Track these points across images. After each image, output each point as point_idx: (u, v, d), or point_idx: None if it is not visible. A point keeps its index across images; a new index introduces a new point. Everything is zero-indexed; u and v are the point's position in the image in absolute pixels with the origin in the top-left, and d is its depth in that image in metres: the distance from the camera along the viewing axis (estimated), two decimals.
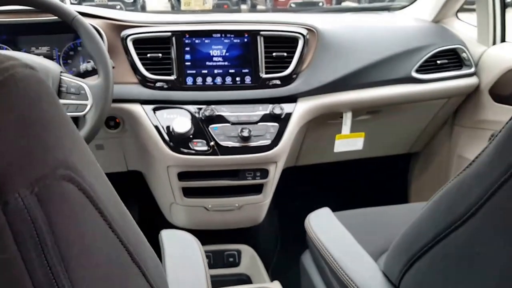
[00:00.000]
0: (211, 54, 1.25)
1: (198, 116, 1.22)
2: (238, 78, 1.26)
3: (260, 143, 1.22)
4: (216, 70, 1.25)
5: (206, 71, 1.25)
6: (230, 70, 1.26)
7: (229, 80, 1.26)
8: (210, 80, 1.25)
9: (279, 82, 1.27)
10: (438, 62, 1.44)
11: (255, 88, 1.26)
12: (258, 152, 1.22)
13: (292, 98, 1.27)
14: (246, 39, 1.26)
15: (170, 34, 1.23)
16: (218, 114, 1.23)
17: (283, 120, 1.25)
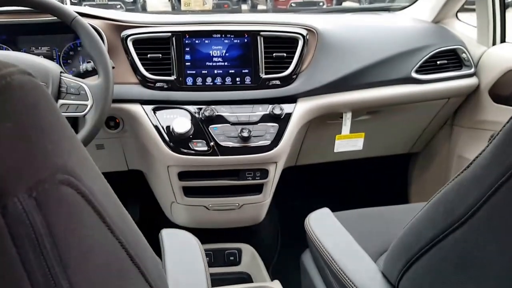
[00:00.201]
0: (211, 55, 1.25)
1: (198, 116, 1.22)
2: (238, 79, 1.26)
3: (260, 144, 1.22)
4: (216, 71, 1.25)
5: (206, 72, 1.25)
6: (230, 71, 1.26)
7: (229, 80, 1.26)
8: (210, 80, 1.25)
9: (279, 83, 1.27)
10: (438, 62, 1.44)
11: (255, 88, 1.26)
12: (258, 152, 1.22)
13: (292, 99, 1.28)
14: (246, 40, 1.26)
15: (170, 34, 1.23)
16: (218, 114, 1.23)
17: (283, 120, 1.25)
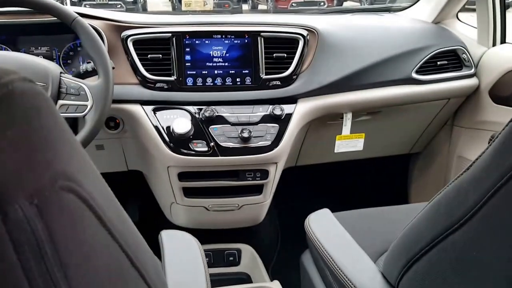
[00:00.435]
0: (212, 55, 1.25)
1: (198, 116, 1.22)
2: (238, 79, 1.26)
3: (260, 144, 1.22)
4: (216, 71, 1.25)
5: (206, 72, 1.25)
6: (231, 71, 1.26)
7: (229, 80, 1.26)
8: (210, 81, 1.25)
9: (279, 83, 1.27)
10: (438, 63, 1.44)
11: (255, 89, 1.26)
12: (258, 153, 1.22)
13: (292, 99, 1.28)
14: (246, 40, 1.26)
15: (170, 35, 1.23)
16: (218, 114, 1.23)
17: (283, 121, 1.25)
